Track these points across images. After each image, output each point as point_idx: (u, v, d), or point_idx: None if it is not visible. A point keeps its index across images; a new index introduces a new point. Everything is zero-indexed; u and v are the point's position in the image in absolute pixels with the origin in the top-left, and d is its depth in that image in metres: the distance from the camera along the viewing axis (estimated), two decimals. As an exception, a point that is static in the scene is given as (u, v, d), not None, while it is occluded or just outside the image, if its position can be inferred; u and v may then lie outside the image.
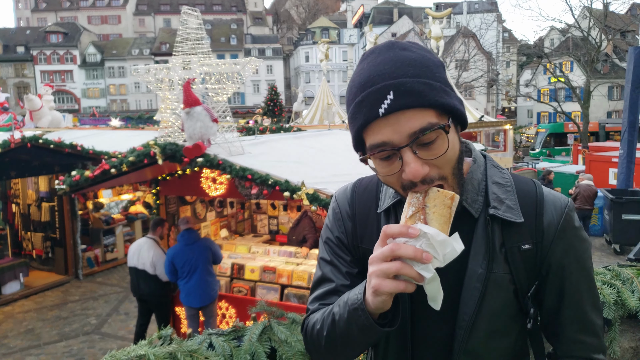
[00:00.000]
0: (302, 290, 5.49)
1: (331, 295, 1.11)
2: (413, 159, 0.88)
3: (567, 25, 28.17)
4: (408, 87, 0.86)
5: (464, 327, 1.00)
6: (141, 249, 5.64)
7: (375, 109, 0.87)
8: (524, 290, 1.02)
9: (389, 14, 55.87)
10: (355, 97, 0.91)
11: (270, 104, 33.69)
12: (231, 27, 62.65)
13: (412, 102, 0.85)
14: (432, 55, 0.93)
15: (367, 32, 21.38)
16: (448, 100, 0.89)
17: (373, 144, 0.90)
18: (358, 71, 0.93)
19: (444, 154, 0.89)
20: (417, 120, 0.86)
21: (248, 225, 7.99)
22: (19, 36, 59.10)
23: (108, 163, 5.32)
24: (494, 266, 1.00)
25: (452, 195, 0.85)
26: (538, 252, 1.02)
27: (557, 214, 1.03)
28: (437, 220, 0.85)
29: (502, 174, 1.07)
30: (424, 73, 0.88)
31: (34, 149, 8.02)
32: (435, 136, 0.88)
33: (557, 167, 16.65)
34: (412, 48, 0.92)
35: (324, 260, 1.15)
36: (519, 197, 1.04)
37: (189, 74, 5.48)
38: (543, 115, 45.46)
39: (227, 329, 1.72)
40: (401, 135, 0.87)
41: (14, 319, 7.43)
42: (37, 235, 9.51)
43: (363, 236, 1.11)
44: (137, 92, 57.89)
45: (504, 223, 1.01)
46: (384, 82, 0.86)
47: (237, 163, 4.73)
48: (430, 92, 0.87)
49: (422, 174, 0.88)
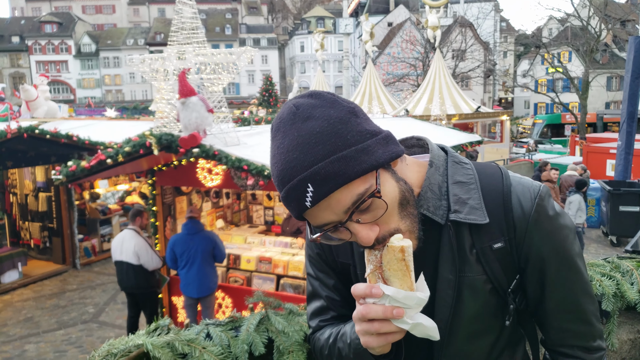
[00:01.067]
0: (297, 280, 5.53)
1: (326, 311, 1.16)
2: (360, 228, 0.88)
3: (566, 14, 28.08)
4: (323, 174, 0.82)
5: (440, 334, 0.99)
6: (123, 241, 5.62)
7: (302, 203, 0.85)
8: (504, 287, 1.01)
9: (385, 3, 55.43)
10: (279, 190, 0.89)
11: (265, 94, 33.56)
12: (226, 17, 62.17)
13: (332, 187, 0.83)
14: (337, 107, 0.88)
15: (363, 21, 21.27)
16: (367, 162, 0.85)
17: (318, 225, 0.90)
18: (272, 157, 0.90)
19: (385, 211, 0.87)
20: (345, 198, 0.84)
21: (244, 215, 8.00)
22: (14, 26, 58.52)
23: (104, 153, 5.32)
24: (465, 269, 0.98)
25: (401, 247, 0.84)
26: (512, 247, 0.99)
27: (527, 205, 0.98)
28: (395, 275, 0.85)
29: (465, 170, 1.03)
30: (334, 146, 0.83)
31: (31, 139, 7.99)
32: (370, 202, 0.86)
33: (554, 159, 16.71)
34: (314, 111, 0.86)
35: (311, 276, 1.18)
36: (484, 193, 1.00)
37: (184, 64, 5.46)
38: (540, 106, 45.45)
39: (225, 319, 1.74)
40: (337, 214, 0.86)
41: (13, 307, 7.46)
42: (34, 225, 9.51)
43: (338, 250, 1.12)
44: (132, 83, 57.54)
45: (471, 225, 0.98)
46: (298, 176, 0.84)
47: (233, 154, 4.73)
48: (347, 166, 0.83)
49: (373, 237, 0.88)
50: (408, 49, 32.22)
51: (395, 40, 39.80)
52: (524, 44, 39.61)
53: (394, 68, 33.03)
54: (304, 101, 0.89)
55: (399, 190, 0.90)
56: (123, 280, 5.67)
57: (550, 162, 13.91)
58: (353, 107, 0.90)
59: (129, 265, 5.54)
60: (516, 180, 1.02)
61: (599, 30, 24.61)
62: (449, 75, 19.99)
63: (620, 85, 34.62)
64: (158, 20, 62.40)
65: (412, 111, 17.41)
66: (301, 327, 1.76)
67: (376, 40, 33.04)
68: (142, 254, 5.54)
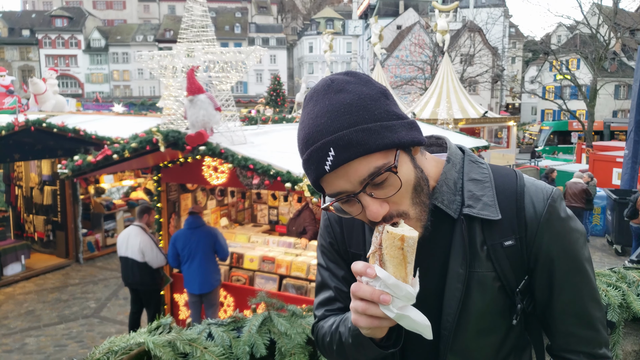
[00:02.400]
0: (300, 281, 5.51)
1: (333, 302, 1.17)
2: (370, 202, 0.90)
3: (575, 21, 27.91)
4: (346, 140, 0.86)
5: (448, 328, 1.01)
6: (129, 237, 5.62)
7: (321, 166, 0.89)
8: (512, 286, 1.01)
9: (395, 6, 55.39)
10: (302, 153, 0.93)
11: (273, 93, 33.60)
12: (235, 16, 62.33)
13: (353, 154, 0.86)
14: (370, 86, 0.92)
15: (372, 23, 21.22)
16: (390, 138, 0.88)
17: (331, 193, 0.93)
18: (301, 121, 0.94)
19: (398, 190, 0.90)
20: (363, 168, 0.87)
21: (248, 214, 8.00)
22: (25, 19, 58.91)
23: (110, 149, 5.32)
24: (475, 265, 0.99)
25: (401, 236, 0.84)
26: (523, 246, 1.00)
27: (540, 205, 1.00)
28: (391, 262, 0.84)
29: (481, 169, 1.05)
30: (361, 118, 0.88)
31: (38, 133, 8.02)
32: (386, 176, 0.89)
33: (560, 166, 16.62)
34: (347, 86, 0.90)
35: (321, 266, 1.20)
36: (498, 192, 1.02)
37: (193, 62, 5.46)
38: (547, 112, 45.24)
39: (227, 319, 1.73)
40: (352, 184, 0.89)
41: (15, 300, 7.48)
42: (39, 218, 9.55)
43: (350, 240, 1.14)
44: (140, 79, 57.76)
45: (483, 221, 1.00)
46: (323, 139, 0.88)
47: (239, 152, 4.72)
48: (370, 137, 0.87)
49: (381, 213, 0.90)
50: (416, 52, 32.16)
51: (403, 43, 39.75)
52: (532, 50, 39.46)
53: (402, 71, 33.00)
54: (339, 77, 0.93)
55: (414, 175, 0.93)
56: (128, 276, 5.68)
57: (557, 169, 13.85)
58: (384, 89, 0.94)
59: (133, 262, 5.55)
60: (530, 181, 1.04)
61: (608, 38, 24.48)
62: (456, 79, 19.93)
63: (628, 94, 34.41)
64: (168, 17, 62.65)
65: (419, 115, 17.37)
66: (304, 330, 1.74)
67: (385, 42, 33.01)
68: (147, 251, 5.54)
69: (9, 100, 11.85)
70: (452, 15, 19.54)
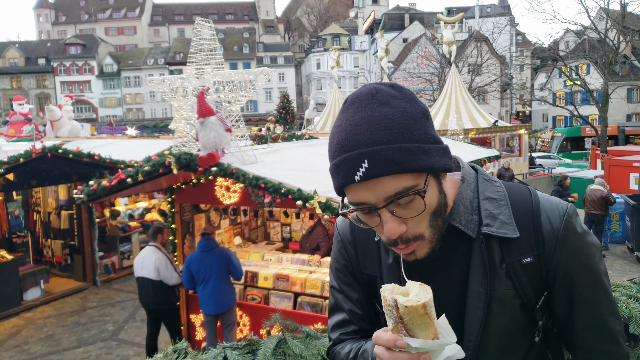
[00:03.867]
0: (315, 298, 5.49)
1: (347, 324, 1.17)
2: (390, 219, 0.91)
3: (583, 27, 27.80)
4: (382, 155, 0.86)
5: (471, 348, 1.01)
6: (144, 258, 5.71)
7: (351, 175, 0.88)
8: (532, 303, 1.02)
9: (400, 20, 55.78)
10: (333, 157, 0.92)
11: (282, 111, 33.85)
12: (243, 36, 63.30)
13: (386, 171, 0.86)
14: (414, 104, 0.92)
15: (379, 38, 21.40)
16: (425, 161, 0.89)
17: (353, 202, 0.93)
18: (337, 125, 0.93)
19: (420, 214, 0.91)
20: (392, 186, 0.88)
21: (261, 232, 8.03)
22: (40, 48, 60.57)
23: (124, 173, 5.41)
24: (495, 283, 0.99)
25: (423, 303, 0.83)
26: (542, 263, 1.01)
27: (556, 222, 1.01)
28: (419, 328, 0.84)
29: (495, 187, 1.06)
30: (401, 136, 0.87)
31: (54, 159, 8.19)
32: (412, 198, 0.89)
33: (574, 172, 16.40)
34: (392, 101, 0.90)
35: (334, 289, 1.20)
36: (514, 210, 1.02)
37: (203, 84, 5.55)
38: (559, 119, 44.87)
39: (242, 343, 1.74)
40: (377, 198, 0.89)
41: (35, 324, 7.56)
42: (56, 243, 9.68)
43: (365, 262, 1.14)
44: (152, 101, 58.73)
45: (501, 239, 1.00)
46: (359, 150, 0.87)
47: (250, 172, 4.77)
48: (406, 158, 0.87)
49: (398, 232, 0.91)
50: (423, 64, 32.28)
51: (410, 56, 39.91)
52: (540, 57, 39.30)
53: (410, 83, 33.06)
54: (385, 88, 0.93)
55: (437, 200, 0.94)
56: (143, 296, 5.72)
57: (571, 175, 13.67)
58: (426, 110, 0.94)
59: (149, 281, 5.61)
60: (544, 198, 1.05)
61: (617, 42, 24.32)
62: (465, 89, 19.92)
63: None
64: (177, 40, 63.85)
65: (428, 126, 17.35)
66: (319, 351, 1.75)
67: (391, 56, 33.18)
68: (162, 268, 5.60)
69: (27, 127, 12.13)
70: (457, 27, 19.59)
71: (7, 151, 8.23)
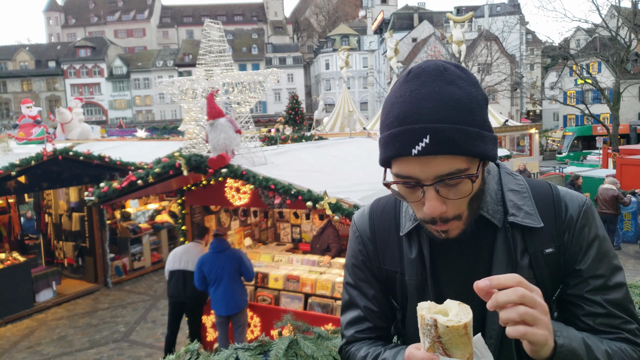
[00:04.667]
0: (325, 299, 5.48)
1: (362, 321, 1.15)
2: (434, 197, 0.91)
3: (594, 25, 27.50)
4: (445, 134, 0.87)
5: (494, 337, 1.01)
6: (189, 252, 5.78)
7: (409, 148, 0.88)
8: (549, 294, 1.02)
9: (409, 19, 55.61)
10: (391, 126, 0.91)
11: (291, 112, 33.89)
12: (252, 37, 63.48)
13: (445, 150, 0.87)
14: (478, 90, 0.93)
15: (388, 38, 21.33)
16: (481, 147, 0.91)
17: (400, 174, 0.93)
18: (400, 94, 0.92)
19: (464, 197, 0.93)
20: (446, 166, 0.89)
21: (271, 233, 8.04)
22: (50, 51, 61.24)
23: (135, 175, 5.44)
24: (518, 272, 0.98)
25: (464, 324, 0.82)
26: (561, 253, 1.02)
27: (576, 212, 1.03)
28: (457, 348, 0.83)
29: (517, 180, 1.09)
30: (464, 118, 0.88)
31: (65, 161, 8.26)
32: (461, 181, 0.91)
33: (585, 172, 16.22)
34: (459, 81, 0.91)
35: (349, 285, 1.19)
36: (536, 201, 1.05)
37: (212, 86, 5.57)
38: (570, 118, 44.42)
39: (253, 344, 1.74)
40: (428, 175, 0.90)
41: (47, 326, 7.63)
42: (68, 245, 9.77)
43: (385, 258, 1.14)
44: (161, 103, 59.12)
45: (524, 229, 1.02)
46: (423, 124, 0.87)
47: (260, 173, 4.78)
48: (466, 141, 0.88)
49: (439, 211, 0.92)
50: (433, 64, 32.08)
51: (419, 56, 39.78)
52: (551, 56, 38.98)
53: (419, 83, 32.85)
54: (452, 68, 0.93)
55: (478, 186, 0.98)
56: (178, 289, 5.71)
57: (582, 175, 13.52)
58: (487, 98, 0.96)
59: (189, 274, 5.62)
60: (564, 190, 1.08)
61: (629, 40, 24.02)
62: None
63: (654, 95, 33.58)
64: (186, 42, 64.22)
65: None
66: (330, 352, 1.74)
67: (401, 56, 33.09)
68: None
69: (37, 130, 12.26)
70: (467, 26, 19.49)
71: (18, 154, 8.33)
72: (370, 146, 7.52)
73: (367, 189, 4.80)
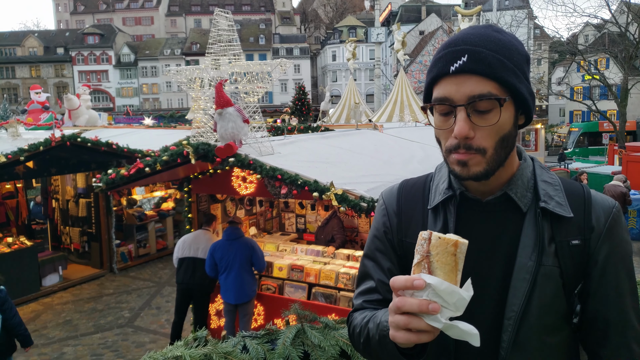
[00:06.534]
0: (329, 289, 5.52)
1: (372, 292, 1.18)
2: (464, 119, 0.97)
3: (603, 20, 27.16)
4: (482, 56, 0.96)
5: (513, 318, 1.02)
6: (199, 239, 5.82)
7: (448, 66, 0.98)
8: (571, 287, 1.04)
9: (417, 12, 55.17)
10: (438, 53, 1.03)
11: (298, 103, 33.82)
12: (260, 27, 63.19)
13: (480, 70, 0.95)
14: (521, 46, 1.02)
15: (395, 30, 21.18)
16: (513, 80, 0.98)
17: (437, 97, 1.01)
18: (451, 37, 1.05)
19: (493, 125, 0.97)
20: (479, 87, 0.96)
21: (276, 223, 8.07)
22: (59, 38, 61.25)
23: (142, 162, 5.47)
24: (543, 259, 1.02)
25: (455, 241, 0.83)
26: (586, 248, 1.04)
27: (605, 213, 1.06)
28: (442, 269, 0.83)
29: (550, 175, 1.12)
30: (503, 52, 0.97)
31: (73, 147, 8.30)
32: (491, 107, 0.97)
33: (591, 168, 16.15)
34: (505, 33, 1.02)
35: (367, 257, 1.22)
36: (567, 195, 1.08)
37: (220, 75, 5.57)
38: (576, 114, 44.10)
39: (261, 332, 1.76)
40: (461, 95, 0.97)
41: (53, 310, 7.73)
42: (74, 230, 9.85)
43: (407, 231, 1.17)
44: (168, 91, 59.13)
45: (553, 217, 1.04)
46: (464, 46, 0.97)
47: (267, 163, 4.79)
48: (500, 67, 0.96)
49: (466, 133, 0.97)
50: (440, 57, 31.88)
51: (426, 49, 39.52)
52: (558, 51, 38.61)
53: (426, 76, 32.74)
54: (499, 28, 1.05)
55: (509, 128, 1.01)
56: (187, 276, 5.75)
57: (588, 171, 13.46)
58: (529, 57, 1.05)
59: (199, 261, 5.67)
60: (594, 191, 1.12)
61: (638, 36, 23.74)
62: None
63: (663, 93, 33.18)
64: (194, 30, 64.02)
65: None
66: (337, 342, 1.76)
67: (408, 48, 32.84)
68: None
69: (45, 116, 12.32)
70: (475, 19, 19.32)
71: (27, 139, 8.38)
72: (376, 138, 7.51)
73: (374, 181, 4.80)
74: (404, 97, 21.39)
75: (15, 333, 4.51)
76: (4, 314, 4.37)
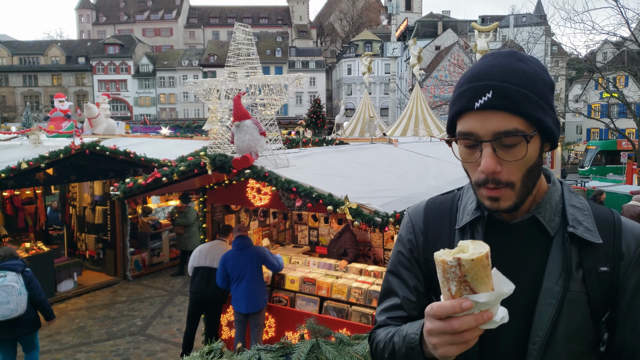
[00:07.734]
0: (341, 304, 5.50)
1: (397, 310, 1.17)
2: (490, 154, 0.97)
3: (622, 38, 26.95)
4: (507, 92, 0.95)
5: (538, 343, 1.01)
6: (215, 249, 5.88)
7: (472, 102, 0.97)
8: (599, 314, 1.02)
9: (433, 27, 55.32)
10: (460, 86, 1.02)
11: (313, 116, 34.00)
12: (276, 40, 63.97)
13: (505, 106, 0.95)
14: (545, 73, 1.01)
15: (411, 45, 21.26)
16: (539, 114, 0.97)
17: (462, 131, 1.01)
18: (473, 66, 1.04)
19: (520, 160, 0.96)
20: (504, 123, 0.96)
21: (289, 235, 8.08)
22: (80, 47, 62.76)
23: (160, 172, 5.54)
24: (570, 284, 1.01)
25: (486, 253, 0.84)
26: (615, 276, 1.02)
27: (636, 240, 1.04)
28: (481, 282, 0.85)
29: (579, 199, 1.11)
30: (528, 85, 0.96)
31: (92, 155, 8.45)
32: (517, 142, 0.96)
33: (609, 187, 15.88)
34: (528, 61, 1.01)
35: (392, 273, 1.22)
36: (597, 221, 1.06)
37: (238, 87, 5.65)
38: (594, 131, 43.58)
39: (275, 345, 1.77)
40: (487, 131, 0.97)
41: (67, 316, 7.81)
42: (90, 237, 9.98)
43: (434, 249, 1.15)
44: (185, 102, 59.93)
45: (581, 243, 1.03)
46: (488, 82, 0.97)
47: (283, 175, 4.82)
48: (526, 102, 0.95)
49: (493, 169, 0.96)
50: (455, 73, 31.90)
51: (442, 64, 39.51)
52: (576, 68, 38.27)
53: (441, 91, 32.71)
54: (524, 53, 1.05)
55: (536, 159, 1.01)
56: (201, 285, 5.80)
57: (605, 190, 13.22)
58: (553, 83, 1.04)
59: (215, 271, 5.70)
60: (624, 218, 1.10)
61: (660, 54, 23.47)
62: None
63: (683, 112, 32.65)
64: (212, 42, 65.02)
65: (459, 135, 17.13)
66: (351, 358, 1.76)
67: (423, 63, 32.91)
68: None
69: (66, 124, 12.57)
70: (492, 36, 19.31)
71: (48, 146, 8.55)
72: (391, 152, 7.51)
73: (388, 196, 4.80)
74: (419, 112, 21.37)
75: (41, 308, 5.27)
76: (31, 291, 5.14)
